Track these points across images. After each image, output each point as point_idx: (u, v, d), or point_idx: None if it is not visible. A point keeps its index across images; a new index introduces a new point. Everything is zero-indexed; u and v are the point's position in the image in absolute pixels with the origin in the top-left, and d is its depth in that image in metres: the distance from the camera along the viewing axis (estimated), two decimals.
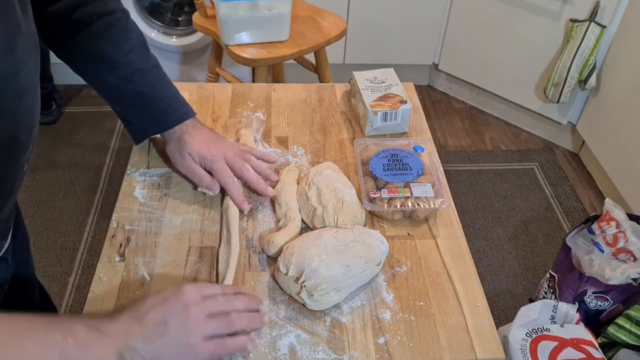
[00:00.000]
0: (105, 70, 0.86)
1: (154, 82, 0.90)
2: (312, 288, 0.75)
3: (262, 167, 0.92)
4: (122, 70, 0.86)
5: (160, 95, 0.90)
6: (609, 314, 1.45)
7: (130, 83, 0.87)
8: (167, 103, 0.91)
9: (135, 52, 0.88)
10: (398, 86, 1.10)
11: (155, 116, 0.90)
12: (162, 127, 0.91)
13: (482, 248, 2.07)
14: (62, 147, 2.43)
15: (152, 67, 0.91)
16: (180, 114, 0.91)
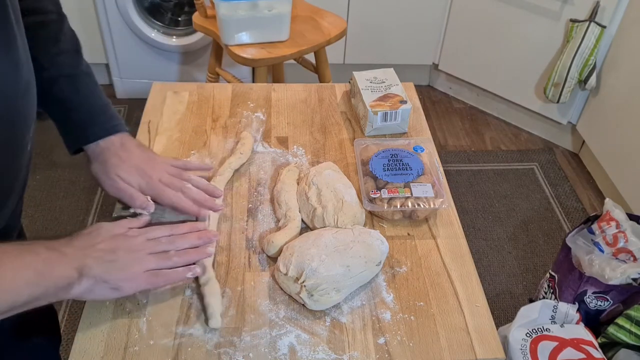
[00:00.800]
0: (35, 69, 0.79)
1: (82, 88, 0.85)
2: (312, 288, 0.75)
3: (202, 183, 0.88)
4: (47, 72, 0.81)
5: (85, 103, 0.84)
6: (609, 314, 1.45)
7: (55, 86, 0.82)
8: (93, 113, 0.84)
9: (65, 56, 0.84)
10: (398, 86, 1.10)
11: (78, 125, 0.84)
12: (85, 138, 0.84)
13: (482, 248, 2.07)
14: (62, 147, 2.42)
15: (82, 74, 0.85)
16: (107, 127, 0.85)
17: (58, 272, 0.65)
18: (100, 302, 0.77)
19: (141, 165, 0.85)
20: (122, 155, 0.84)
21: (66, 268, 0.66)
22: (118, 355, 0.71)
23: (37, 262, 0.64)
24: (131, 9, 2.38)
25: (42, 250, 0.65)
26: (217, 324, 0.74)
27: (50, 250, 0.66)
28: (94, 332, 0.74)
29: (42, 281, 0.63)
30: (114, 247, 0.72)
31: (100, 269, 0.69)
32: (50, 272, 0.64)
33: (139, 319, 0.75)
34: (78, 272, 0.67)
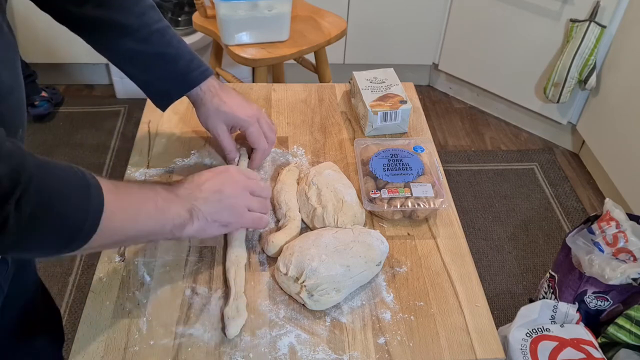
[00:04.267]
0: (121, 36, 0.85)
1: (172, 40, 0.89)
2: (312, 288, 0.75)
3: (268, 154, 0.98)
4: (139, 33, 0.86)
5: (179, 54, 0.89)
6: (609, 314, 1.45)
7: (149, 44, 0.87)
8: (188, 60, 0.90)
9: (148, 14, 0.87)
10: (398, 86, 1.10)
11: (178, 75, 0.90)
12: (187, 85, 0.90)
13: (482, 248, 2.07)
14: (62, 147, 2.42)
15: (166, 27, 0.89)
16: (202, 71, 0.91)
17: (174, 211, 0.69)
18: (100, 302, 0.77)
19: (243, 103, 0.94)
20: (225, 96, 0.92)
21: (179, 208, 0.70)
22: (118, 355, 0.71)
23: (157, 199, 0.68)
24: None
25: (160, 190, 0.70)
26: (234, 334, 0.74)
27: (167, 191, 0.70)
28: (94, 332, 0.74)
29: (161, 217, 0.68)
30: (219, 186, 0.75)
31: (208, 210, 0.73)
32: (168, 209, 0.69)
33: (139, 319, 0.75)
34: (189, 212, 0.71)
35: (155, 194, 0.69)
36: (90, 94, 2.69)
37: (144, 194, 0.68)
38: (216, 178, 0.76)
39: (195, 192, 0.73)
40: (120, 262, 0.82)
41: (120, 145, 2.43)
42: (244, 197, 0.78)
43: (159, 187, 0.70)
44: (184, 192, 0.72)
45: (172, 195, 0.71)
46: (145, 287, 0.79)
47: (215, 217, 0.74)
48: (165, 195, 0.70)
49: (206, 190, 0.74)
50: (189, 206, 0.71)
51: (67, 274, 1.90)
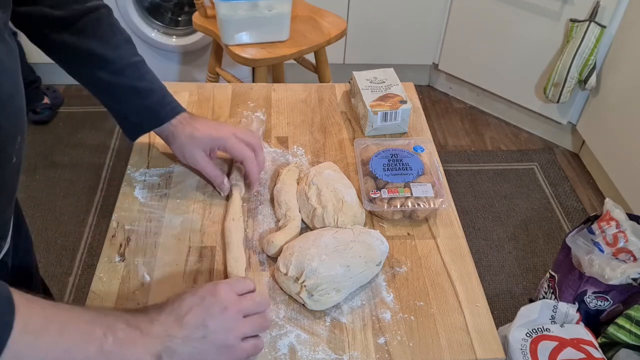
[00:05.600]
0: (96, 67, 0.86)
1: (146, 75, 0.89)
2: (312, 288, 0.75)
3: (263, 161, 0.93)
4: (113, 65, 0.86)
5: (152, 88, 0.89)
6: (609, 314, 1.45)
7: (123, 77, 0.87)
8: (160, 96, 0.90)
9: (124, 47, 0.88)
10: (398, 86, 1.10)
11: (150, 109, 0.89)
12: (159, 120, 0.89)
13: (482, 248, 2.07)
14: (62, 147, 2.43)
15: (141, 62, 0.90)
16: (173, 107, 0.91)
17: (131, 356, 0.57)
18: (100, 302, 0.77)
19: (215, 124, 0.91)
20: (196, 123, 0.90)
21: (141, 353, 0.57)
22: None
23: (107, 339, 0.56)
24: (131, 9, 2.38)
25: (120, 327, 0.57)
26: None
27: (130, 328, 0.58)
28: None
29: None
30: (203, 319, 0.62)
31: (188, 351, 0.60)
32: (122, 353, 0.56)
33: None
34: (157, 356, 0.58)
35: (107, 332, 0.56)
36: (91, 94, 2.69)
37: (88, 332, 0.55)
38: (201, 306, 0.62)
39: (173, 329, 0.60)
40: (120, 262, 0.82)
41: (120, 145, 2.43)
42: (236, 326, 0.64)
43: (121, 322, 0.58)
44: (157, 330, 0.59)
45: (135, 334, 0.58)
46: (145, 287, 0.79)
47: (196, 358, 0.61)
48: (124, 334, 0.57)
49: (187, 325, 0.60)
50: (159, 349, 0.58)
51: (67, 274, 1.90)
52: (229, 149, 0.90)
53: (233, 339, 0.64)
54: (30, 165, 2.30)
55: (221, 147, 0.90)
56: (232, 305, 0.64)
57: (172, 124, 0.89)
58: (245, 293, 0.68)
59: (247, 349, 0.65)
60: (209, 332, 0.61)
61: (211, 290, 0.65)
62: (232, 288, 0.66)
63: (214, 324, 0.62)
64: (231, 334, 0.63)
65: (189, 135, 0.89)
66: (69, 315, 0.56)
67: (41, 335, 0.52)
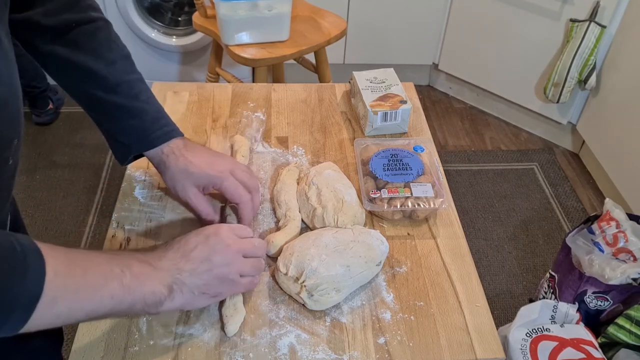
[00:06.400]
0: (87, 83, 0.81)
1: (139, 94, 0.83)
2: (312, 288, 0.75)
3: (258, 204, 0.89)
4: (106, 81, 0.81)
5: (145, 108, 0.83)
6: (609, 314, 1.45)
7: (114, 95, 0.81)
8: (154, 117, 0.84)
9: (120, 63, 0.83)
10: (398, 86, 1.10)
11: (141, 130, 0.82)
12: (148, 143, 0.83)
13: (482, 248, 2.07)
14: (62, 147, 2.43)
15: (137, 80, 0.84)
16: (167, 131, 0.84)
17: (148, 289, 0.63)
18: None
19: (212, 158, 0.85)
20: (191, 155, 0.83)
21: (155, 284, 0.64)
22: (118, 355, 0.71)
23: (125, 275, 0.61)
24: (131, 9, 2.38)
25: (134, 263, 0.63)
26: (233, 332, 0.74)
27: (142, 264, 0.64)
28: (94, 332, 0.74)
29: (128, 296, 0.61)
30: (208, 254, 0.69)
31: (196, 282, 0.67)
32: (139, 287, 0.62)
33: (139, 319, 0.75)
34: (168, 288, 0.65)
35: (124, 269, 0.62)
36: None
37: (108, 270, 0.61)
38: (205, 244, 0.69)
39: (181, 264, 0.67)
40: None
41: None
42: (237, 263, 0.71)
43: (134, 259, 0.64)
44: (166, 264, 0.66)
45: (148, 269, 0.64)
46: None
47: (204, 290, 0.69)
48: (138, 270, 0.63)
49: (194, 259, 0.67)
50: (170, 280, 0.65)
51: None
52: (224, 190, 0.83)
53: (234, 274, 0.71)
54: (30, 165, 2.30)
55: (217, 186, 0.83)
56: (233, 244, 0.71)
57: (164, 152, 0.83)
58: (244, 238, 0.74)
59: (245, 283, 0.73)
60: (213, 266, 0.69)
61: (214, 231, 0.72)
62: (233, 230, 0.73)
63: (218, 258, 0.69)
64: (232, 268, 0.71)
65: (182, 169, 0.82)
66: (88, 258, 0.61)
67: (69, 278, 0.57)
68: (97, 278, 0.59)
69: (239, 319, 0.75)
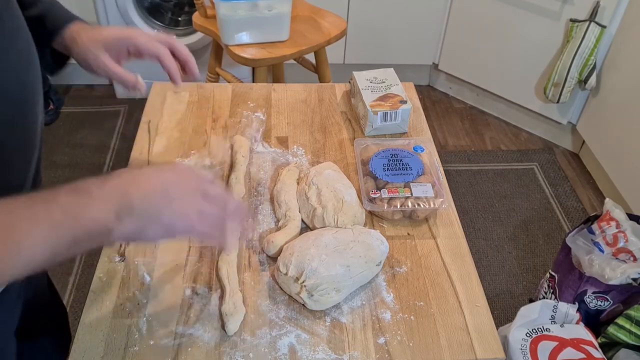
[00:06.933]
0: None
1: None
2: (312, 288, 0.75)
3: (186, 54, 0.86)
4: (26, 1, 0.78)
5: (53, 7, 0.83)
6: (609, 314, 1.45)
7: (32, 7, 0.80)
8: (62, 10, 0.83)
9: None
10: (398, 86, 1.10)
11: (53, 24, 0.81)
12: (60, 28, 0.81)
13: (482, 248, 2.07)
14: (62, 147, 2.43)
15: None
16: (70, 15, 0.83)
17: (86, 218, 0.55)
18: (100, 302, 0.77)
19: (120, 27, 0.83)
20: (96, 28, 0.81)
21: (96, 212, 0.55)
22: (118, 355, 0.71)
23: (54, 213, 0.54)
24: (131, 9, 2.38)
25: (61, 197, 0.55)
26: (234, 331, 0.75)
27: (74, 195, 0.56)
28: (94, 332, 0.74)
29: (65, 232, 0.54)
30: (162, 184, 0.60)
31: (146, 206, 0.58)
32: (75, 220, 0.54)
33: (139, 319, 0.75)
34: (116, 213, 0.56)
35: (50, 207, 0.54)
36: (90, 94, 2.69)
37: (30, 213, 0.53)
38: (159, 175, 0.61)
39: (130, 188, 0.58)
40: (120, 262, 0.82)
41: (120, 145, 2.43)
42: (195, 199, 0.61)
43: (60, 193, 0.56)
44: (108, 190, 0.57)
45: (83, 198, 0.56)
46: (145, 287, 0.79)
47: (156, 214, 0.58)
48: (70, 203, 0.55)
49: (145, 187, 0.59)
50: (115, 205, 0.56)
51: (67, 274, 1.90)
52: (140, 47, 0.81)
53: (191, 208, 0.61)
54: None
55: (130, 46, 0.81)
56: (192, 180, 0.63)
57: (71, 29, 0.81)
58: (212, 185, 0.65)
59: (205, 223, 0.62)
60: (167, 196, 0.59)
61: (171, 166, 0.65)
62: (192, 169, 0.66)
63: (173, 189, 0.60)
64: (188, 202, 0.61)
65: (91, 38, 0.79)
66: (7, 207, 0.54)
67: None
68: (23, 223, 0.52)
69: (239, 317, 0.75)
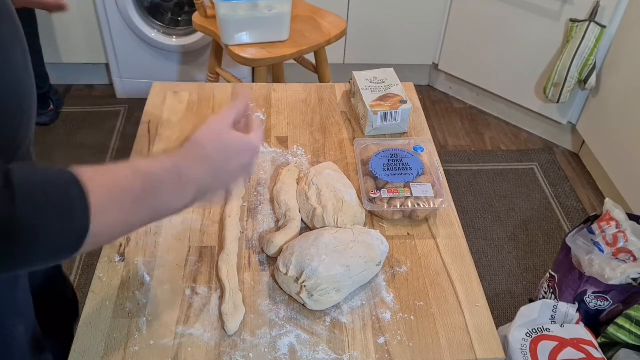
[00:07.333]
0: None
1: None
2: (312, 288, 0.75)
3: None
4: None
5: None
6: (609, 314, 1.45)
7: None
8: None
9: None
10: (398, 86, 1.10)
11: None
12: None
13: (482, 248, 2.07)
14: (62, 147, 2.42)
15: None
16: None
17: (175, 205, 0.60)
18: (100, 302, 0.77)
19: None
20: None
21: (184, 200, 0.61)
22: (118, 355, 0.71)
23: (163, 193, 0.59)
24: (131, 9, 2.38)
25: (168, 185, 0.60)
26: (234, 330, 0.75)
27: (177, 184, 0.60)
28: (94, 332, 0.74)
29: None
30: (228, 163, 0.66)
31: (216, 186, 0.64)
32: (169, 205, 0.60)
33: (139, 319, 0.75)
34: (194, 198, 0.61)
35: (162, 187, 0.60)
36: (90, 94, 2.69)
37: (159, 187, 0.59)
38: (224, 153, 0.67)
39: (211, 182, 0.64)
40: (120, 262, 0.82)
41: (120, 145, 2.43)
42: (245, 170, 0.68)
43: (168, 180, 0.61)
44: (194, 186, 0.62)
45: (181, 192, 0.62)
46: (145, 287, 0.79)
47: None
48: (172, 191, 0.60)
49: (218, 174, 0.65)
50: (196, 194, 0.62)
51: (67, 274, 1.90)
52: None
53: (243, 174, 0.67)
54: None
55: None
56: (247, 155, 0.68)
57: None
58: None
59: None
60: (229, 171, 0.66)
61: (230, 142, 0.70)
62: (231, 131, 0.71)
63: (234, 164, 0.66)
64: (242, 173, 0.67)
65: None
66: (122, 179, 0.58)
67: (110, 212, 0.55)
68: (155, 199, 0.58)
69: (239, 317, 0.75)
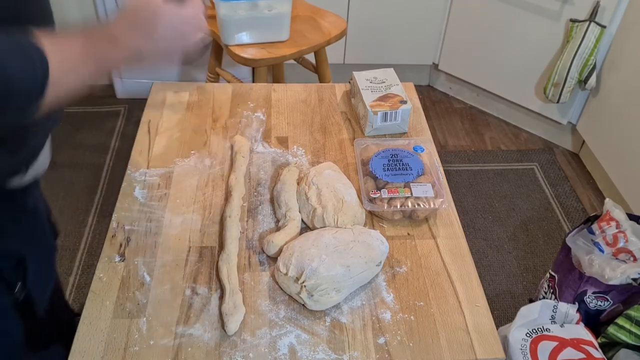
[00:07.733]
0: None
1: None
2: (312, 288, 0.75)
3: None
4: None
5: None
6: (609, 314, 1.45)
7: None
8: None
9: None
10: (398, 86, 1.10)
11: None
12: None
13: (482, 248, 2.07)
14: (62, 147, 2.42)
15: None
16: None
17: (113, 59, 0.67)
18: (100, 302, 0.77)
19: None
20: None
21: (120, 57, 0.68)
22: (118, 355, 0.71)
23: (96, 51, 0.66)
24: None
25: (100, 43, 0.66)
26: (234, 330, 0.75)
27: (107, 43, 0.67)
28: (94, 332, 0.74)
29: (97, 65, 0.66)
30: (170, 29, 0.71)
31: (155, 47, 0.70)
32: (106, 60, 0.67)
33: (139, 319, 0.75)
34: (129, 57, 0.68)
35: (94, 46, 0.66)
36: (90, 94, 2.69)
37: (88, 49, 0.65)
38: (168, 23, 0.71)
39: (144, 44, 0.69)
40: (120, 262, 0.82)
41: (120, 145, 2.43)
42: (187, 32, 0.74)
43: (100, 40, 0.67)
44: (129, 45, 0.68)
45: (112, 48, 0.67)
46: (145, 287, 0.79)
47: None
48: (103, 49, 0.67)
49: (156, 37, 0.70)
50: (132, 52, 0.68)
51: (67, 274, 1.90)
52: None
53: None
54: None
55: None
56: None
57: None
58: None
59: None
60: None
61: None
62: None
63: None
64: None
65: None
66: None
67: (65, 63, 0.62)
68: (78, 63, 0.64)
69: (239, 317, 0.75)
